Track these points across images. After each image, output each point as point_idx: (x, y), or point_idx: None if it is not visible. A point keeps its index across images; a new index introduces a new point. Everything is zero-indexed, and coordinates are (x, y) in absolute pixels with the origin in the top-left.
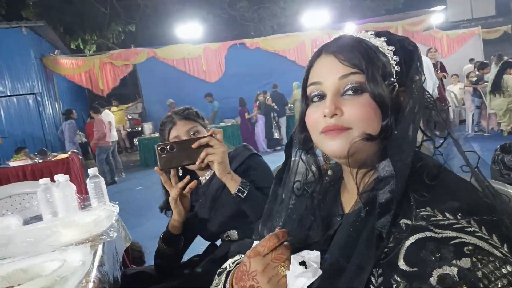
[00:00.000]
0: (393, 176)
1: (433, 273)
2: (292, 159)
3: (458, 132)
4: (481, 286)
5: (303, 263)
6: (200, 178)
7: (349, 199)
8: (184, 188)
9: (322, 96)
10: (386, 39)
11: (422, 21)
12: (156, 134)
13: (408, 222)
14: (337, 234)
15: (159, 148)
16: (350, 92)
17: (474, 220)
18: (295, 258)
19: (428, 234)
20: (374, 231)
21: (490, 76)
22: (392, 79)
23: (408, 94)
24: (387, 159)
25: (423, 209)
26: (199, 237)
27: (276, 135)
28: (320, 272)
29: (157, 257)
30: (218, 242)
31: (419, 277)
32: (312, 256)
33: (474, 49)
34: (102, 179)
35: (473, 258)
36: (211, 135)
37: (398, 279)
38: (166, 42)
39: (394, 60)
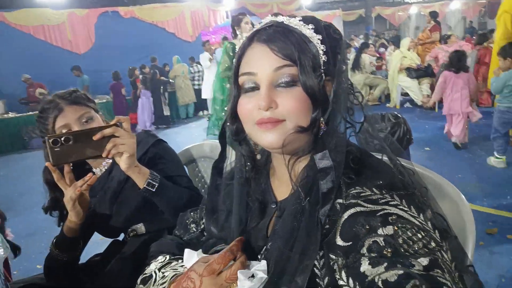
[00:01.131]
0: (332, 167)
1: (365, 243)
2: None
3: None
4: (402, 249)
5: (252, 276)
6: (94, 170)
7: (279, 186)
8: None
9: (254, 87)
10: (313, 27)
11: (294, 1)
12: (11, 115)
13: (341, 201)
14: (276, 223)
15: (51, 141)
16: (283, 84)
17: (396, 194)
18: (242, 274)
19: (359, 209)
20: (314, 219)
21: (350, 55)
22: (321, 70)
23: (337, 85)
24: (324, 151)
25: (352, 188)
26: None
27: (166, 112)
28: (266, 277)
29: (49, 264)
30: (121, 237)
31: (353, 249)
32: (260, 266)
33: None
34: None
35: (395, 226)
36: (116, 124)
37: (334, 256)
38: (18, 5)
39: (321, 50)
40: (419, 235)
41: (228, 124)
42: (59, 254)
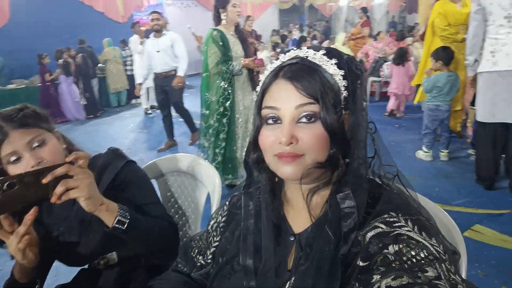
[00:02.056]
0: (355, 207)
1: (377, 259)
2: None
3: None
4: (409, 263)
5: None
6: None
7: (295, 217)
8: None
9: (277, 120)
10: (337, 62)
11: None
12: None
13: (361, 232)
14: (297, 257)
15: None
16: (304, 120)
17: (410, 220)
18: None
19: (377, 230)
20: (336, 257)
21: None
22: (341, 106)
23: (356, 121)
24: (347, 192)
25: (372, 221)
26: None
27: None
28: None
29: None
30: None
31: (368, 266)
32: None
33: (272, 17)
34: None
35: (404, 243)
36: (70, 162)
37: (358, 276)
38: None
39: (343, 85)
40: (426, 252)
41: (250, 152)
42: None
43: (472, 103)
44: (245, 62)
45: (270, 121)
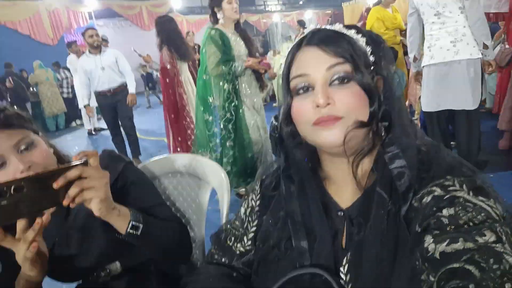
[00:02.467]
0: (406, 166)
1: (430, 222)
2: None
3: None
4: (465, 227)
5: None
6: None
7: (339, 192)
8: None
9: (308, 88)
10: (356, 31)
11: (163, 4)
12: None
13: (417, 196)
14: (350, 232)
15: None
16: (337, 82)
17: (465, 182)
18: None
19: (433, 194)
20: (398, 221)
21: None
22: (372, 68)
23: (387, 83)
24: (395, 151)
25: (427, 185)
26: None
27: None
28: None
29: None
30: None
31: (423, 232)
32: None
33: None
34: None
35: (460, 206)
36: (83, 163)
37: (414, 242)
38: None
39: (368, 51)
40: (484, 216)
41: (283, 128)
42: None
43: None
44: (248, 63)
45: (300, 91)
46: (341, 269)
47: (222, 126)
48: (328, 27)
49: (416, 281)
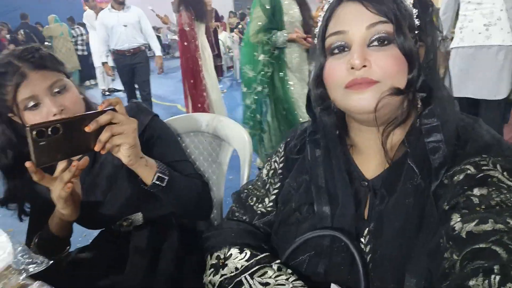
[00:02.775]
0: (443, 141)
1: (459, 199)
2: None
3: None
4: (496, 208)
5: None
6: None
7: (364, 162)
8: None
9: (344, 47)
10: None
11: None
12: None
13: (449, 173)
14: (372, 203)
15: (35, 132)
16: (376, 43)
17: (501, 162)
18: None
19: (466, 173)
20: (428, 196)
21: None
22: (416, 32)
23: (429, 51)
24: (435, 124)
25: (460, 162)
26: None
27: None
28: None
29: None
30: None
31: (451, 210)
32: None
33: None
34: None
35: (494, 187)
36: (112, 109)
37: (441, 219)
38: None
39: (414, 13)
40: None
41: (312, 90)
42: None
43: None
44: (293, 35)
45: (336, 50)
46: (362, 239)
47: (252, 99)
48: None
49: (437, 258)
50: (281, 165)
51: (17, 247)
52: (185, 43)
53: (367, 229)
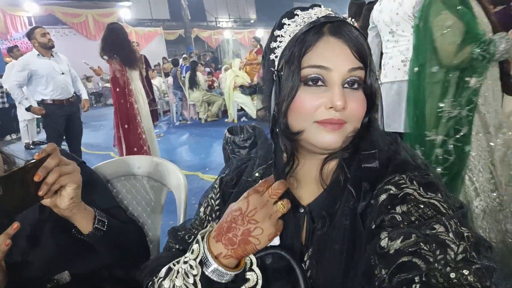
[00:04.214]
0: (377, 167)
1: (385, 218)
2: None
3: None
4: (416, 222)
5: None
6: None
7: (300, 189)
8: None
9: (320, 81)
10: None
11: (112, 14)
12: None
13: (374, 193)
14: (309, 228)
15: None
16: (347, 85)
17: (415, 180)
18: None
19: (388, 193)
20: (356, 218)
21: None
22: (376, 73)
23: (376, 88)
24: (373, 151)
25: (384, 181)
26: None
27: None
28: None
29: None
30: None
31: (378, 229)
32: None
33: (159, 47)
34: None
35: (412, 203)
36: (48, 154)
37: (369, 238)
38: None
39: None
40: (432, 210)
41: (279, 116)
42: None
43: None
44: None
45: (310, 82)
46: (302, 264)
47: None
48: (348, 20)
49: (370, 276)
50: (217, 201)
51: None
52: (117, 89)
53: (307, 254)
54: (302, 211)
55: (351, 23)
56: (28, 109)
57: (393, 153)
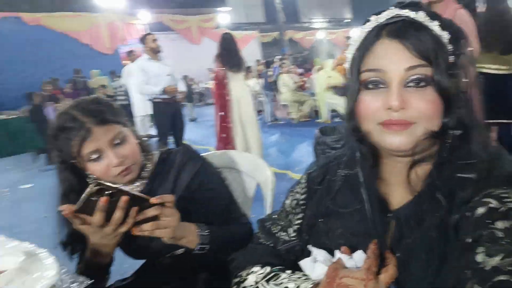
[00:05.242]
0: (473, 178)
1: (483, 233)
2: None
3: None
4: None
5: None
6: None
7: (388, 190)
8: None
9: (379, 83)
10: (440, 24)
11: (211, 19)
12: None
13: (471, 205)
14: (397, 234)
15: (96, 188)
16: (412, 84)
17: None
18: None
19: (488, 206)
20: (449, 228)
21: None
22: (455, 71)
23: (466, 86)
24: (470, 161)
25: (484, 192)
26: None
27: None
28: None
29: None
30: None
31: (474, 243)
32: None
33: (254, 50)
34: None
35: None
36: (161, 204)
37: (463, 252)
38: None
39: (450, 50)
40: None
41: (347, 121)
42: None
43: None
44: None
45: (371, 85)
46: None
47: None
48: (411, 15)
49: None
50: (303, 196)
51: (61, 268)
52: (216, 82)
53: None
54: (391, 215)
55: (418, 20)
56: (162, 91)
57: (494, 164)
